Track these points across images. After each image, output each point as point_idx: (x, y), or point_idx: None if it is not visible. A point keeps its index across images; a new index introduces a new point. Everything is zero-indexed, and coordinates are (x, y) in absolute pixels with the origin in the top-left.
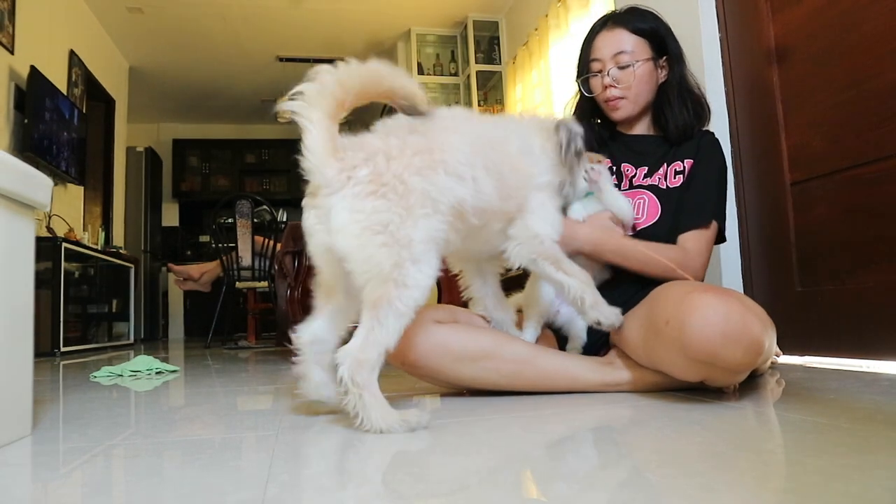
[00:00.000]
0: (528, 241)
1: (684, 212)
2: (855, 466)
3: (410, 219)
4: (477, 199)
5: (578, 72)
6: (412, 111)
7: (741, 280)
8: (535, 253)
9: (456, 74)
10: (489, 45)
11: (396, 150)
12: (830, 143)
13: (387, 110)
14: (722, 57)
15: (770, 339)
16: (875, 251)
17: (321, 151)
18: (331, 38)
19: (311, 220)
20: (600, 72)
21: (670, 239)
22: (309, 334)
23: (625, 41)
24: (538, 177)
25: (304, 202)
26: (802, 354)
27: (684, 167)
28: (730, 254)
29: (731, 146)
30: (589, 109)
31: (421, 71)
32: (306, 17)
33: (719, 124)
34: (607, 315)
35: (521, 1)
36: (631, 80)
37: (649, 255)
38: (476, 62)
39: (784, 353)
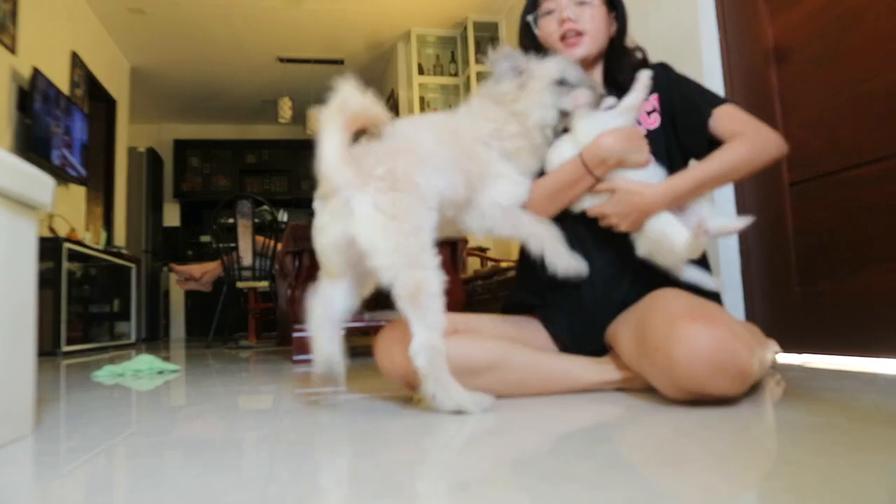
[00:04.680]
0: (489, 213)
1: (695, 112)
2: (854, 466)
3: (422, 209)
4: (451, 191)
5: (526, 9)
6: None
7: (741, 280)
8: (493, 224)
9: (456, 75)
10: (489, 45)
11: (400, 150)
12: (829, 144)
13: None
14: (721, 57)
15: (761, 360)
16: (874, 251)
17: (334, 159)
18: (331, 38)
19: (325, 219)
20: (554, 11)
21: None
22: (321, 298)
23: None
24: (493, 165)
25: (316, 205)
26: (801, 354)
27: (654, 105)
28: (730, 254)
29: None
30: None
31: (421, 71)
32: (306, 18)
33: None
34: (567, 265)
35: (521, 2)
36: (589, 16)
37: (723, 169)
38: (476, 63)
39: (783, 353)
